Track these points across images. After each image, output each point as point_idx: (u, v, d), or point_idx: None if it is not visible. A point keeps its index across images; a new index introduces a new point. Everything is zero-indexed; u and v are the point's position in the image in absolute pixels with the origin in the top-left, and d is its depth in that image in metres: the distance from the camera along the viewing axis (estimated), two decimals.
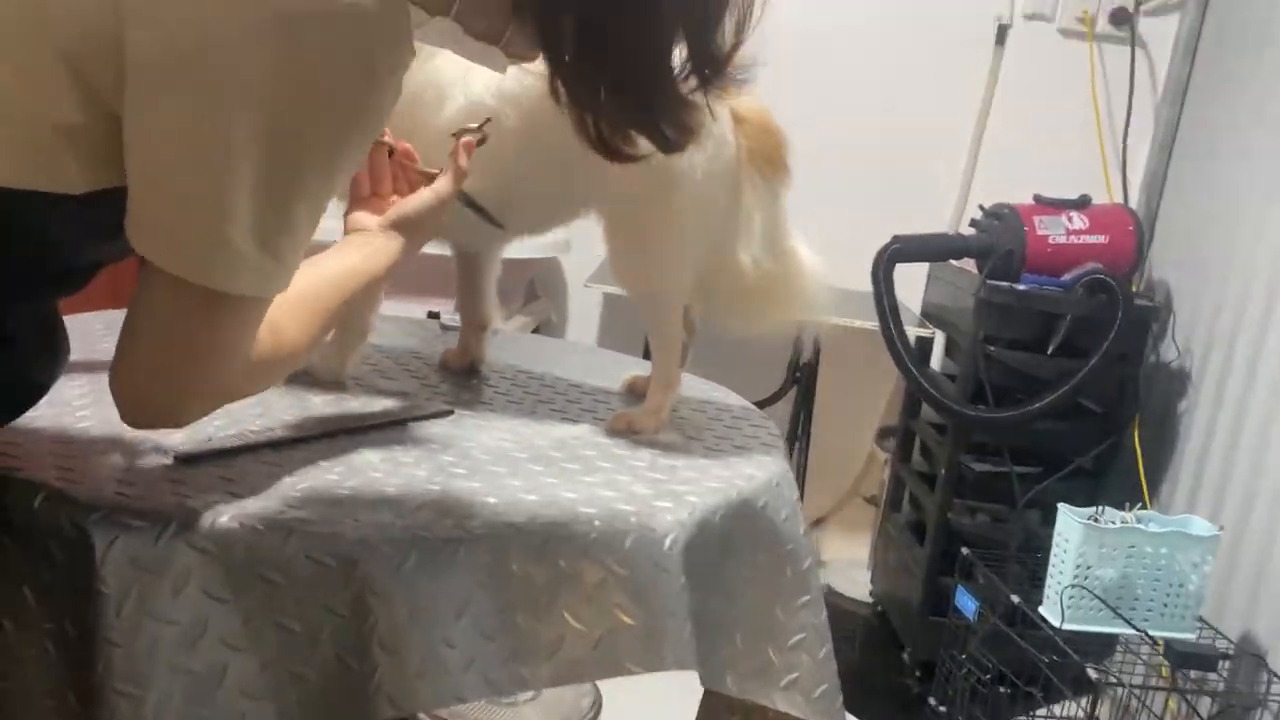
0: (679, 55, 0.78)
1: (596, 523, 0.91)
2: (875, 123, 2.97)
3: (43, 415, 1.00)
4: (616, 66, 0.78)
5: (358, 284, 0.93)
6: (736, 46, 0.79)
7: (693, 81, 0.79)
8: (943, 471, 2.50)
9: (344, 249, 0.96)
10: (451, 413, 1.18)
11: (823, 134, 2.96)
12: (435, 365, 1.38)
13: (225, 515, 0.82)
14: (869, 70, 2.97)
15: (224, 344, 0.76)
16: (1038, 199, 2.49)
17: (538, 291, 3.01)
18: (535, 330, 2.84)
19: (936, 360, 2.92)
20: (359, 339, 1.24)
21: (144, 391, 0.77)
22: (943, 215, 3.00)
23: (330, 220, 0.82)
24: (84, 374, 1.16)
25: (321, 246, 0.89)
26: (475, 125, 1.03)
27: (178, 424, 0.80)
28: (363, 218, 0.99)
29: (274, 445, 0.99)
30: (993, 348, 2.40)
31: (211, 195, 0.70)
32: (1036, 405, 2.32)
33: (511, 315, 2.77)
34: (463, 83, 1.17)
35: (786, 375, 2.89)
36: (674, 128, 0.82)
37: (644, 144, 0.83)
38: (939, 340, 2.87)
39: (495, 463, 1.03)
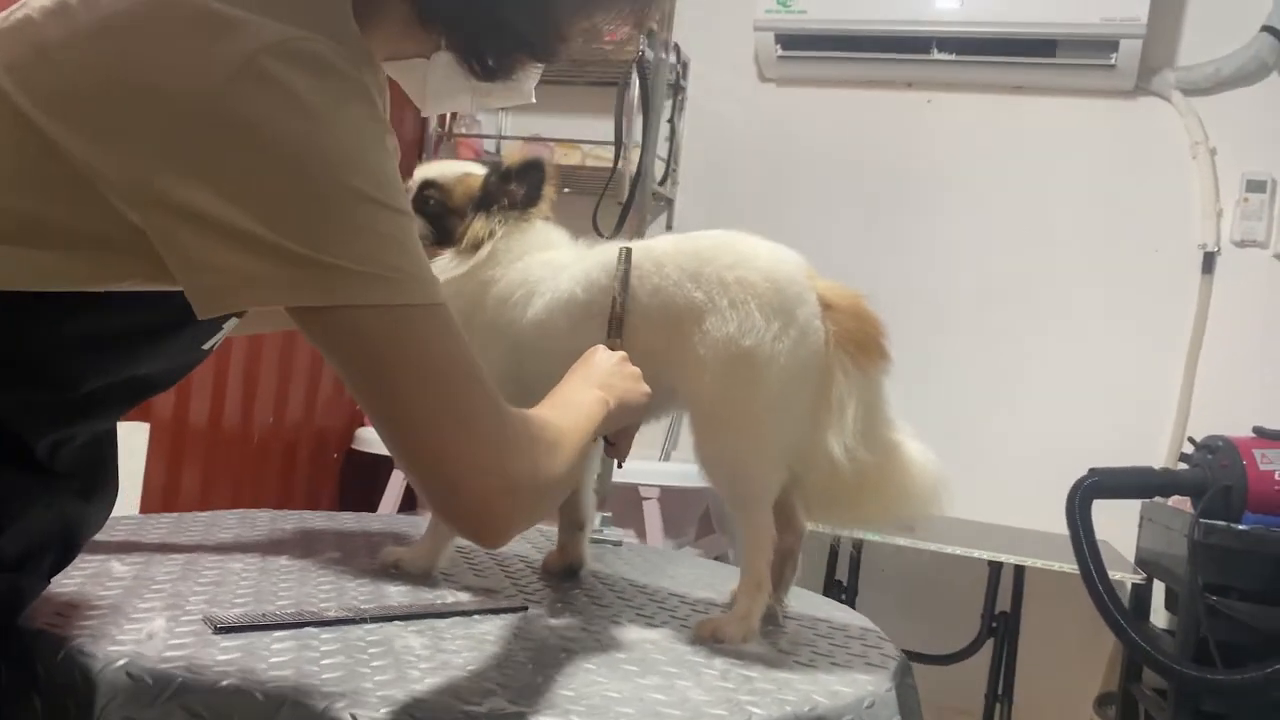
0: None
1: None
2: (1075, 354, 2.83)
3: (123, 584, 1.03)
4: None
5: (584, 422, 0.95)
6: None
7: None
8: None
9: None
10: (525, 609, 1.12)
11: (1020, 364, 2.85)
12: (536, 566, 1.34)
13: (228, 681, 0.79)
14: (1065, 301, 2.86)
15: (426, 367, 0.76)
16: (1258, 431, 2.23)
17: (713, 525, 2.94)
18: None
19: (1159, 615, 2.58)
20: (449, 535, 1.23)
21: (431, 461, 0.77)
22: (1155, 451, 2.74)
23: None
24: (183, 554, 1.20)
25: None
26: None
27: (486, 488, 0.78)
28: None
29: (321, 624, 0.97)
30: (1215, 598, 2.09)
31: (244, 221, 0.71)
32: (1275, 667, 1.97)
33: (681, 547, 2.70)
34: (551, 279, 1.19)
35: (981, 625, 2.62)
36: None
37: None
38: (1158, 591, 2.54)
39: (542, 657, 0.96)
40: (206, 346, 0.91)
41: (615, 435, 1.10)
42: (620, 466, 1.14)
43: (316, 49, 0.74)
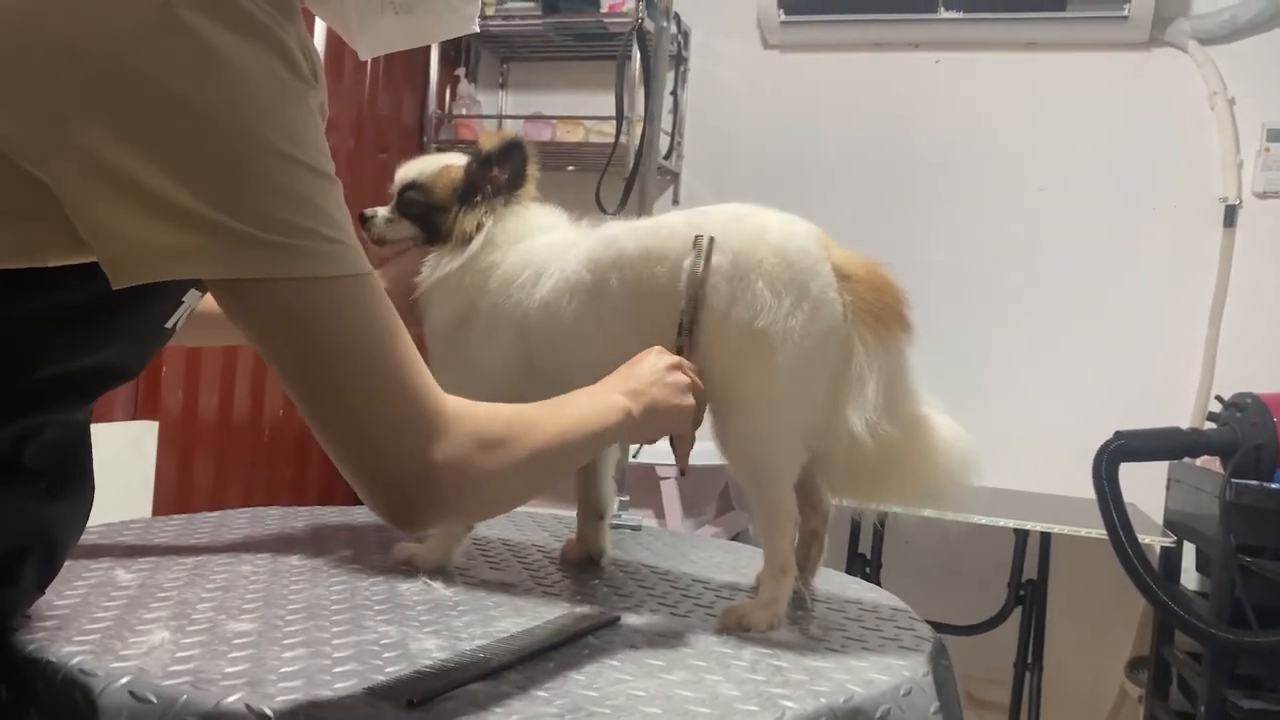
0: None
1: None
2: (1097, 315, 2.77)
3: (128, 593, 1.00)
4: None
5: (575, 425, 0.89)
6: None
7: None
8: (1202, 709, 2.10)
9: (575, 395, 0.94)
10: (618, 619, 1.04)
11: (1042, 328, 2.79)
12: (554, 556, 1.30)
13: (236, 696, 0.76)
14: (1085, 261, 2.80)
15: (347, 342, 0.72)
16: None
17: (732, 502, 2.90)
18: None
19: (1189, 577, 2.54)
20: (464, 530, 1.20)
21: (362, 448, 0.74)
22: (1181, 410, 2.69)
23: None
24: (191, 557, 1.17)
25: None
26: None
27: (422, 472, 0.74)
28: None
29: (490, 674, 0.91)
30: (1249, 559, 2.05)
31: (160, 190, 0.67)
32: None
33: (701, 526, 2.66)
34: (558, 261, 1.15)
35: (1008, 594, 2.59)
36: None
37: None
38: (1188, 552, 2.50)
39: (563, 654, 0.92)
40: (169, 324, 0.86)
41: (674, 443, 1.07)
42: (682, 474, 1.10)
43: (236, 1, 0.70)
